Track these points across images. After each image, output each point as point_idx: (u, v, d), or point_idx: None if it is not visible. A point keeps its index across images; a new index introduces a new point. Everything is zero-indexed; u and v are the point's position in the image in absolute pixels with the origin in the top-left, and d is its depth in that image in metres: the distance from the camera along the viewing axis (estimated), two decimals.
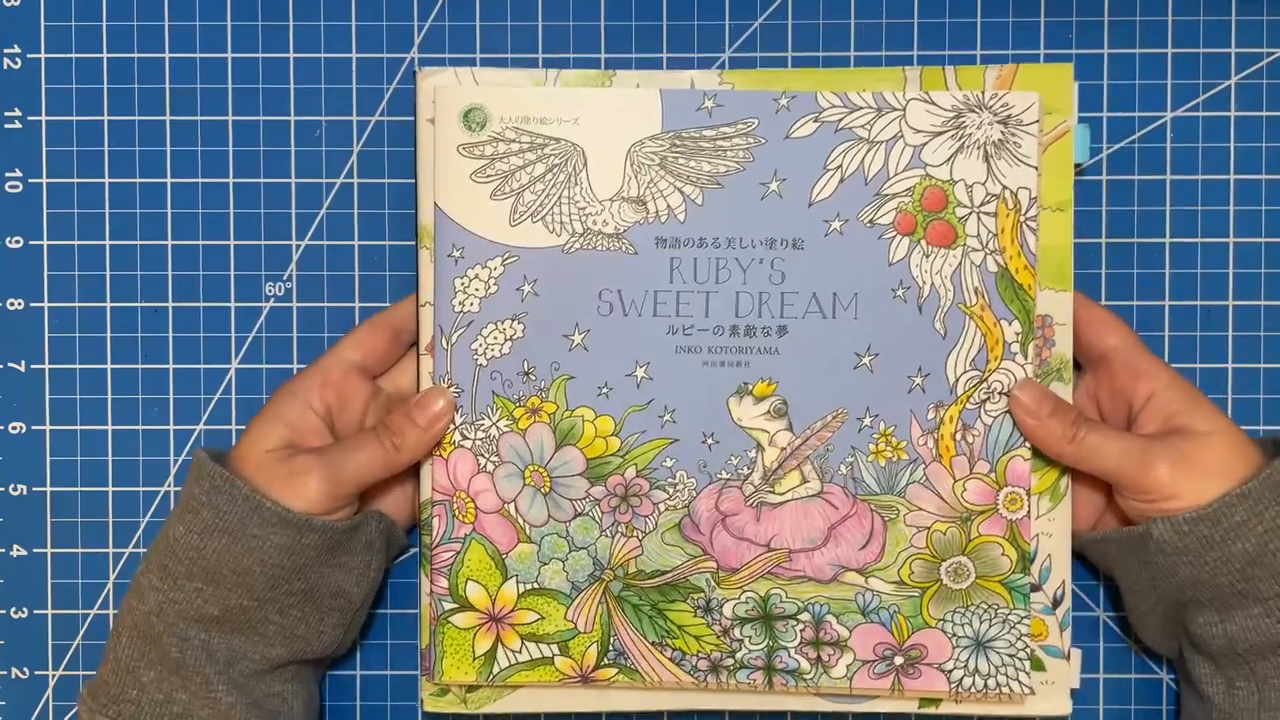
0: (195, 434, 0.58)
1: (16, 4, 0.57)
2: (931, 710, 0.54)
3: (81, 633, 0.58)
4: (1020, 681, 0.53)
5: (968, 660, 0.53)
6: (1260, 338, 0.56)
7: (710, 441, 0.53)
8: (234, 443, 0.53)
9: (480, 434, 0.53)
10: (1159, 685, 0.57)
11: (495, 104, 0.52)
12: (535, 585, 0.53)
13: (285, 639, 0.51)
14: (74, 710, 0.58)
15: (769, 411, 0.53)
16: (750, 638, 0.53)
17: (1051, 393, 0.52)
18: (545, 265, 0.53)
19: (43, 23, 0.57)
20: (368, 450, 0.51)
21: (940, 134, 0.52)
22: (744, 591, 0.53)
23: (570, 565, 0.53)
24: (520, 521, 0.53)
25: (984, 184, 0.52)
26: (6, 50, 0.57)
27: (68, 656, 0.58)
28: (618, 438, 0.53)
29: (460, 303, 0.53)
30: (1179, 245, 0.56)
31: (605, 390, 0.53)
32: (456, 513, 0.53)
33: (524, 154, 0.52)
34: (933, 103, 0.52)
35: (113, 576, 0.58)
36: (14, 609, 0.58)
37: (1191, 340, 0.56)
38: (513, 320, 0.53)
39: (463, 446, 0.53)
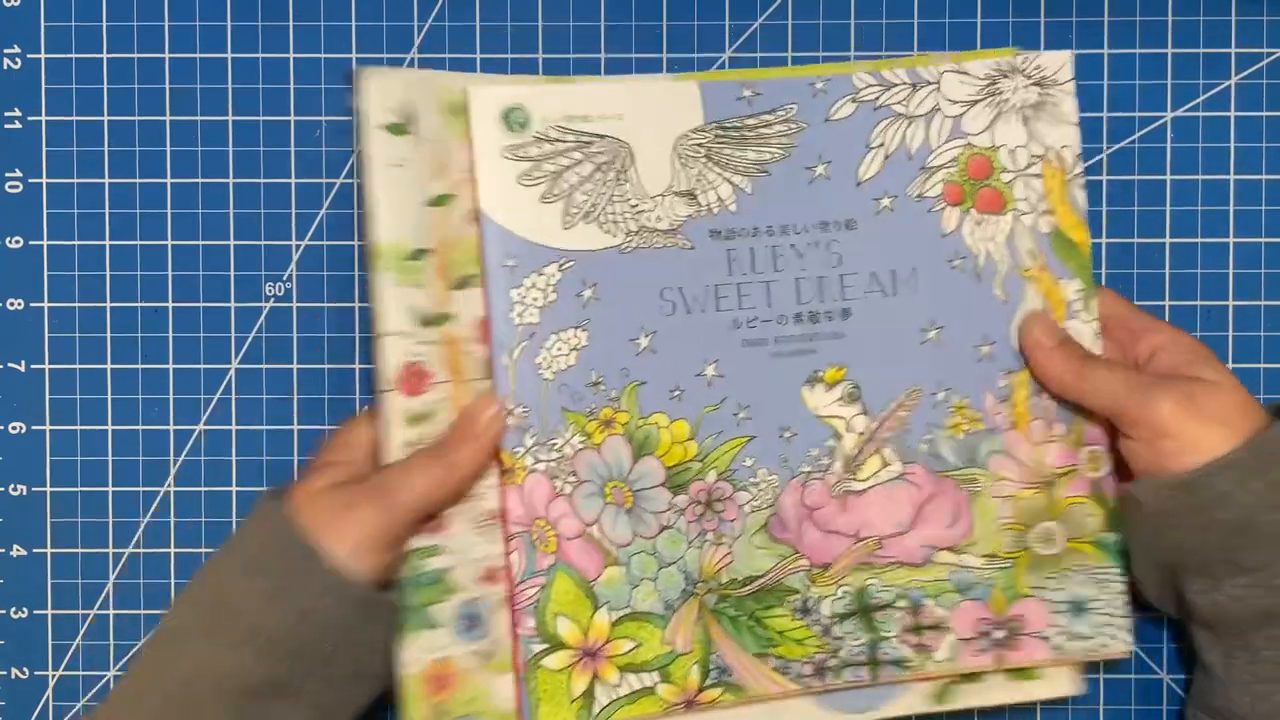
0: (195, 434, 0.57)
1: (16, 4, 0.57)
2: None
3: (81, 633, 0.57)
4: (1121, 639, 0.52)
5: (1067, 624, 0.52)
6: (1260, 338, 0.57)
7: (788, 435, 0.51)
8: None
9: (554, 454, 0.49)
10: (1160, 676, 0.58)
11: (534, 103, 0.50)
12: (628, 610, 0.50)
13: (319, 710, 0.47)
14: (74, 710, 0.57)
15: (842, 397, 0.52)
16: (851, 634, 0.51)
17: (1061, 327, 0.52)
18: (603, 267, 0.50)
19: (43, 23, 0.57)
20: (421, 470, 0.47)
21: (977, 102, 0.52)
22: (839, 586, 0.51)
23: (661, 583, 0.50)
24: (605, 543, 0.50)
25: (1025, 147, 0.52)
26: (6, 50, 0.57)
27: (68, 656, 0.57)
28: (695, 441, 0.51)
29: (519, 315, 0.49)
30: (1179, 245, 0.57)
31: (678, 393, 0.50)
32: (537, 543, 0.49)
33: (570, 153, 0.50)
34: (965, 73, 0.52)
35: (113, 576, 0.57)
36: (14, 609, 0.57)
37: None
38: (576, 329, 0.50)
39: (536, 470, 0.49)
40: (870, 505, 0.52)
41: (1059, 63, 0.53)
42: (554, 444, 0.49)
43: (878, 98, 0.52)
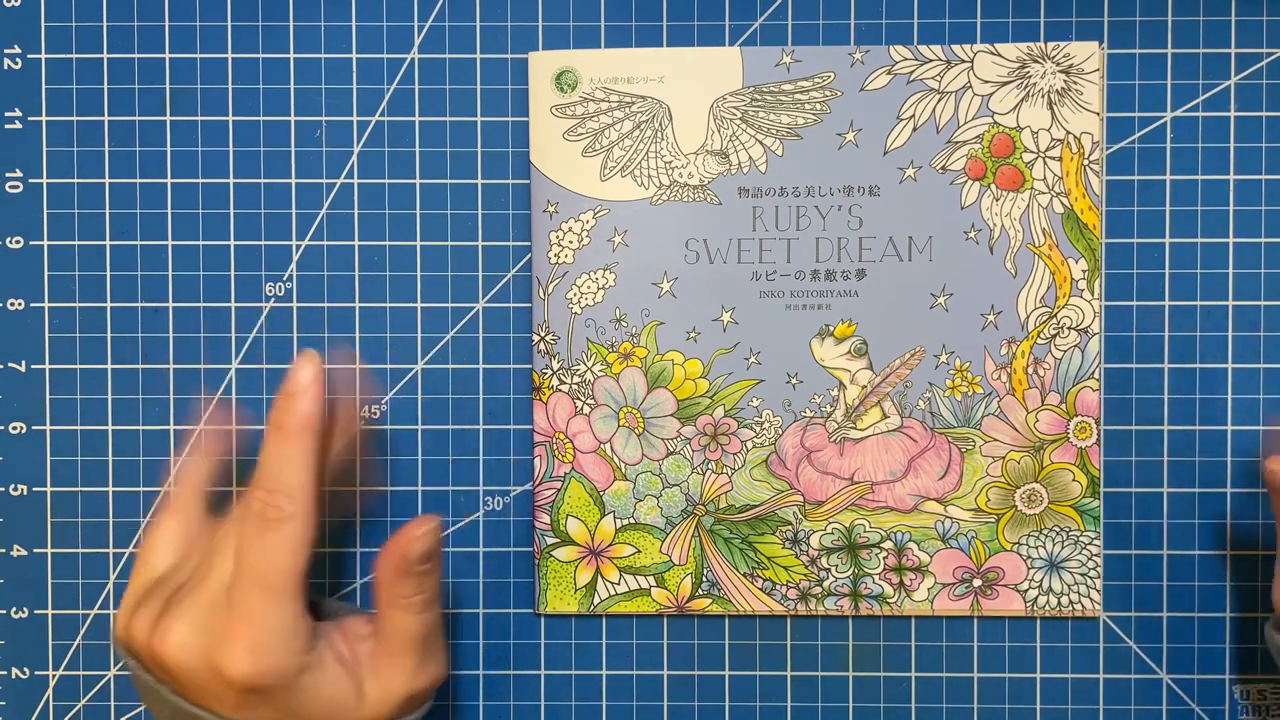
0: (195, 434, 0.58)
1: (16, 4, 0.57)
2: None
3: (81, 633, 0.58)
4: (1091, 599, 0.56)
5: (1042, 580, 0.56)
6: (1260, 338, 0.56)
7: (794, 381, 0.56)
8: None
9: (576, 378, 0.56)
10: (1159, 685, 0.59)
11: (585, 66, 0.55)
12: (631, 520, 0.56)
13: None
14: (74, 710, 0.58)
15: (850, 351, 0.56)
16: (837, 566, 0.56)
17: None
18: (634, 217, 0.55)
19: (43, 23, 0.57)
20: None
21: (1006, 84, 0.55)
22: (829, 523, 0.56)
23: (664, 501, 0.56)
24: (616, 460, 0.56)
25: (1049, 130, 0.55)
26: (6, 50, 0.57)
27: (68, 656, 0.58)
28: (706, 379, 0.56)
29: (555, 255, 0.56)
30: (1179, 245, 0.56)
31: (694, 334, 0.56)
32: (556, 453, 0.56)
33: (613, 112, 0.55)
34: (998, 54, 0.55)
35: (113, 576, 0.58)
36: (14, 609, 0.58)
37: (1191, 340, 0.56)
38: (605, 270, 0.56)
39: (560, 390, 0.56)
40: (866, 453, 0.56)
41: (1087, 53, 0.54)
42: (577, 369, 0.56)
43: (912, 71, 0.55)
